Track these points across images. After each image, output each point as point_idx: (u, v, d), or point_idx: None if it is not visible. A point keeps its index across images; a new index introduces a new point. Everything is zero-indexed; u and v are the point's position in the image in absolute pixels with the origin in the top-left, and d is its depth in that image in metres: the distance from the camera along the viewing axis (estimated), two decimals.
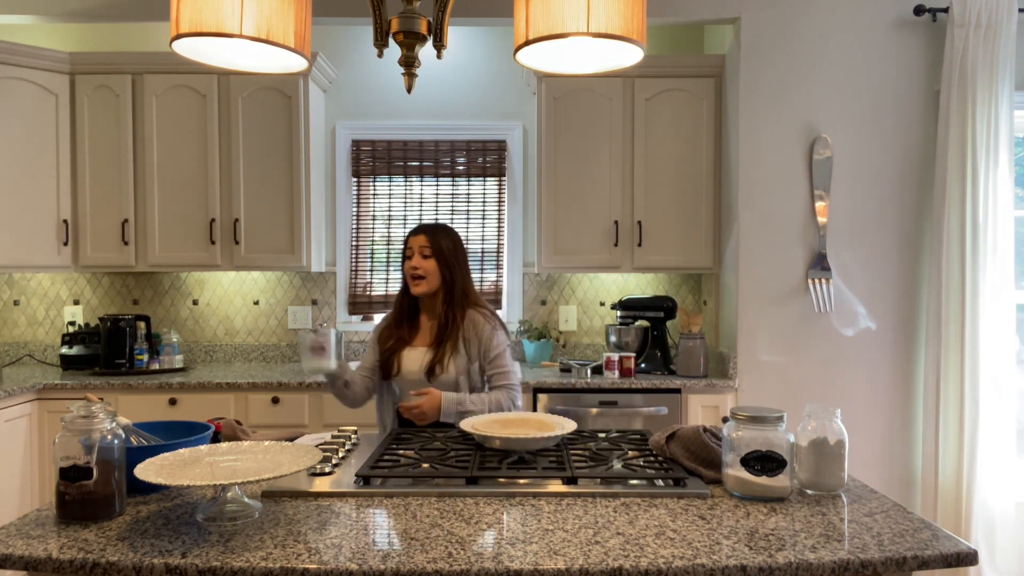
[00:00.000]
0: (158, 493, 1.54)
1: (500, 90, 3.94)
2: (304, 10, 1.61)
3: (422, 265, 2.27)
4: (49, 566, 1.20)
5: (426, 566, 1.16)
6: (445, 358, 2.24)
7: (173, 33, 1.52)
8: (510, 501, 1.49)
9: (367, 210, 3.98)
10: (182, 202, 3.50)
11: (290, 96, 3.50)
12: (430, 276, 2.28)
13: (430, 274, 2.28)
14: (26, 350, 3.84)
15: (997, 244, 3.09)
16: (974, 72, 3.07)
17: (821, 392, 3.24)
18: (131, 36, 3.91)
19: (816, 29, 3.22)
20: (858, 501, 1.51)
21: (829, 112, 3.24)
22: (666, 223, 3.51)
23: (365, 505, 1.46)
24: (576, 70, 1.77)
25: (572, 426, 1.87)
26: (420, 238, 2.29)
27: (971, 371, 3.08)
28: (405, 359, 2.31)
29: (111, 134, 3.49)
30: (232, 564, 1.17)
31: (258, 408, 3.24)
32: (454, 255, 2.31)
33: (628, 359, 3.33)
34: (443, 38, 1.75)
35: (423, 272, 2.27)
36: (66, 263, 3.49)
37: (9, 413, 3.05)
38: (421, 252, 2.28)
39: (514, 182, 3.96)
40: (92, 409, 1.40)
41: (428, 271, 2.27)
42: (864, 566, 1.20)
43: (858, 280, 3.25)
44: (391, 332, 2.36)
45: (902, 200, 3.25)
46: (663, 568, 1.17)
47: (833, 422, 1.59)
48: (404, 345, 2.33)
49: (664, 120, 3.50)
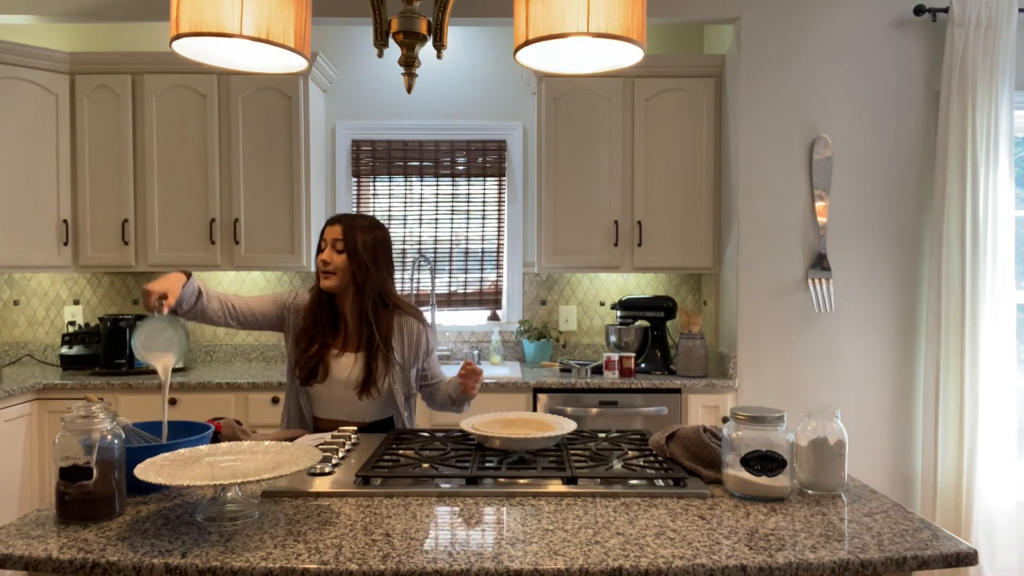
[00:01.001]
0: (158, 493, 1.54)
1: (500, 90, 3.94)
2: (304, 10, 1.61)
3: (333, 260, 2.06)
4: (49, 566, 1.20)
5: (426, 566, 1.16)
6: (379, 378, 2.10)
7: (173, 33, 1.52)
8: (510, 501, 1.49)
9: (367, 210, 3.98)
10: (182, 202, 3.50)
11: (290, 96, 3.50)
12: (340, 273, 2.07)
13: (340, 271, 2.07)
14: (26, 350, 3.84)
15: (997, 244, 3.09)
16: (974, 72, 3.07)
17: (821, 392, 3.24)
18: (131, 36, 3.91)
19: (816, 29, 3.23)
20: (858, 501, 1.51)
21: (829, 112, 3.24)
22: (666, 223, 3.51)
23: (365, 505, 1.46)
24: (576, 70, 1.77)
25: (572, 426, 1.87)
26: (336, 229, 2.08)
27: (971, 371, 3.08)
28: (333, 366, 2.12)
29: (111, 134, 3.49)
30: (232, 564, 1.17)
31: (258, 408, 3.24)
32: (371, 252, 2.09)
33: (628, 359, 3.33)
34: (443, 38, 1.75)
35: (333, 268, 2.07)
36: (66, 263, 3.49)
37: (9, 413, 3.05)
38: (334, 246, 2.08)
39: (514, 182, 3.96)
40: (92, 409, 1.40)
41: (338, 267, 2.07)
42: (864, 566, 1.20)
43: (858, 280, 3.25)
44: (310, 334, 2.13)
45: (902, 200, 3.26)
46: (663, 568, 1.17)
47: (833, 422, 1.59)
48: (327, 350, 2.12)
49: (664, 120, 3.50)
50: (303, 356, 2.12)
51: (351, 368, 2.12)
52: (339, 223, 2.09)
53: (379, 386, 2.11)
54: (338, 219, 2.11)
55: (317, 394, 2.15)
